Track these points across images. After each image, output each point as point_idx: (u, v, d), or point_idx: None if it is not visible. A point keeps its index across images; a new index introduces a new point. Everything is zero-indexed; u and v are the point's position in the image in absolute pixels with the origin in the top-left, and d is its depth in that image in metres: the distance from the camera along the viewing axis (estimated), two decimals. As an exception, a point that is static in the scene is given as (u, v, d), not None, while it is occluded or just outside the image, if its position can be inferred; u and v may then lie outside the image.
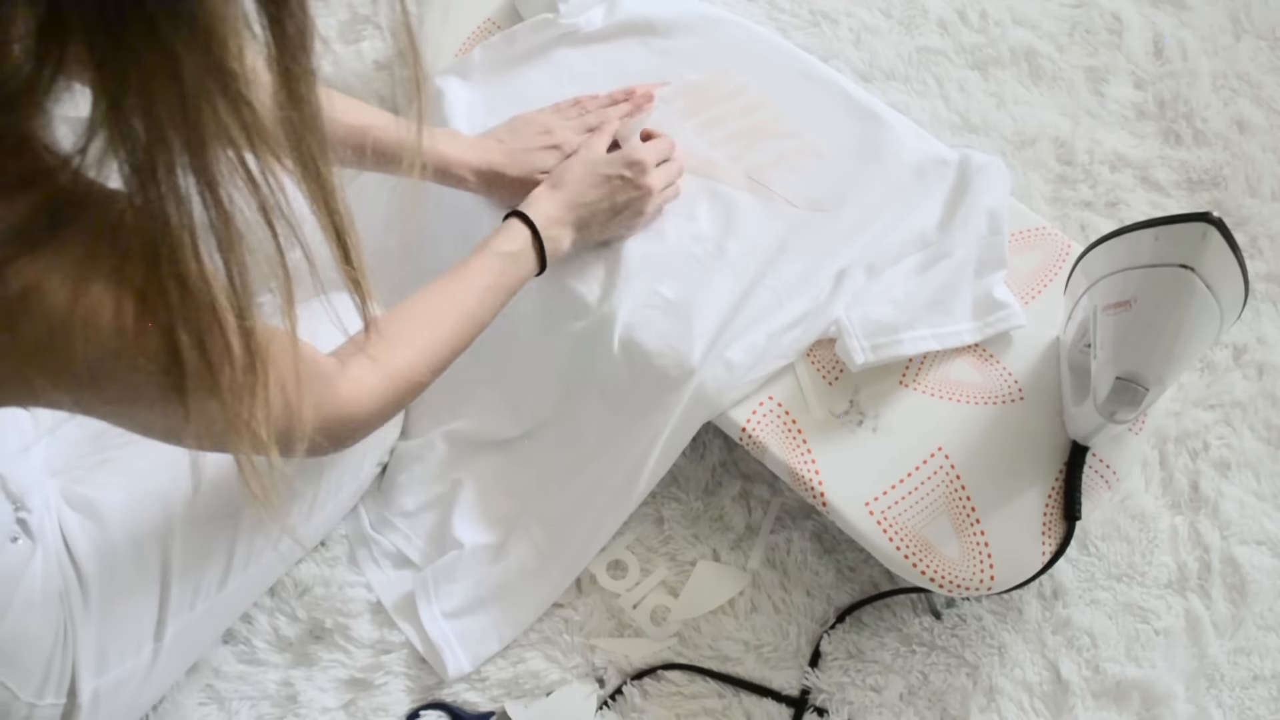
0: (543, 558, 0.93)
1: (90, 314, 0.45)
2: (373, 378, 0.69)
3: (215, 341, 0.47)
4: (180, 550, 0.77)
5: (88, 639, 0.73)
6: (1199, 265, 0.69)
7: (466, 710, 0.89)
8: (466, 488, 0.96)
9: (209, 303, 0.46)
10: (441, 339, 0.76)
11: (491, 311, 0.81)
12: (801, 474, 0.87)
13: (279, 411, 0.56)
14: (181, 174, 0.42)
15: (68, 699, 0.73)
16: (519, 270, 0.83)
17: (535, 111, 0.97)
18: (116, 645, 0.76)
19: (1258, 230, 1.13)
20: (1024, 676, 0.91)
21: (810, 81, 1.05)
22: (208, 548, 0.80)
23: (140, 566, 0.76)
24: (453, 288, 0.79)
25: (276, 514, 0.56)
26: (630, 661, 0.91)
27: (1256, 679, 0.92)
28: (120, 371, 0.48)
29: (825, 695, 0.90)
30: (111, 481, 0.78)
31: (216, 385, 0.48)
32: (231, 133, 0.42)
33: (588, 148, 0.90)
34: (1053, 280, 0.96)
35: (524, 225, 0.84)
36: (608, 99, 0.98)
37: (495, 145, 0.92)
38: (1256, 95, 1.21)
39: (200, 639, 0.86)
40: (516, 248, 0.83)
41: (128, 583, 0.76)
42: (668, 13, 1.07)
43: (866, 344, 0.88)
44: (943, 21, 1.25)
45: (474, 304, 0.79)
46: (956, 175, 0.98)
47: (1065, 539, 0.84)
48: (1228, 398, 1.04)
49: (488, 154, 0.91)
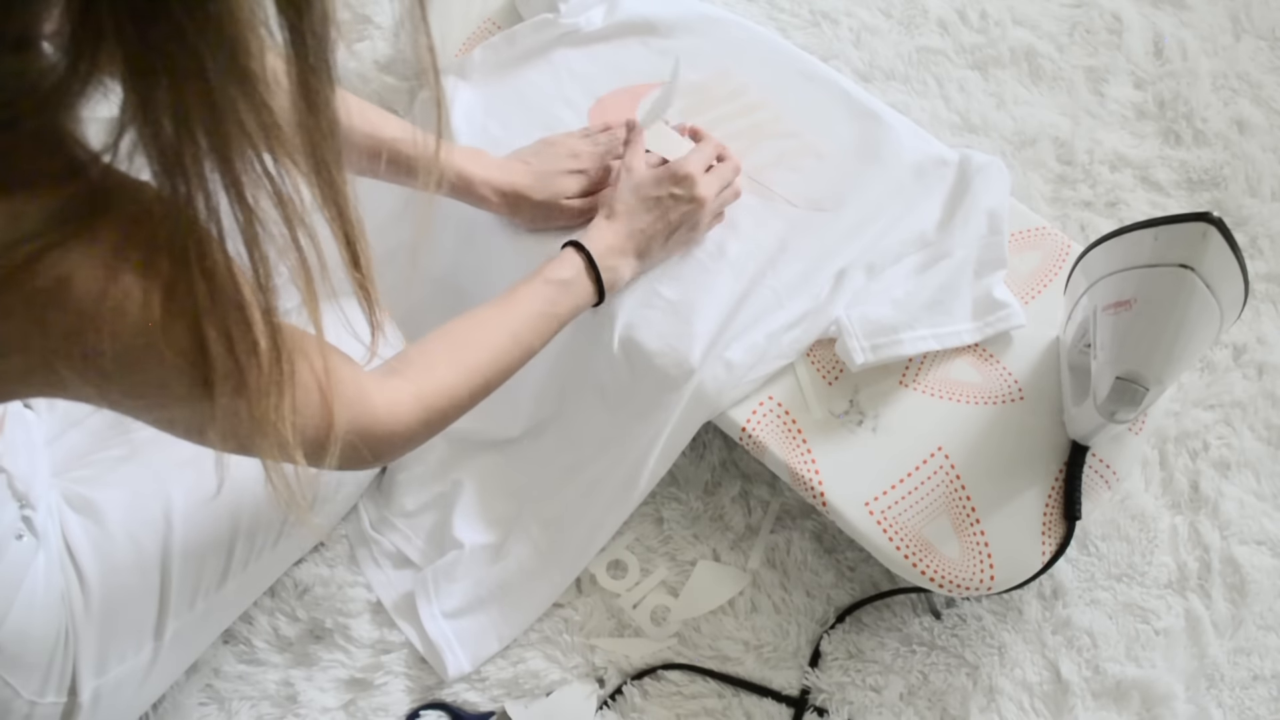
0: (543, 558, 0.93)
1: (119, 306, 0.46)
2: (409, 395, 0.69)
3: (242, 336, 0.48)
4: (180, 550, 0.78)
5: (88, 638, 0.73)
6: (1199, 265, 0.69)
7: (466, 710, 0.89)
8: (466, 488, 0.96)
9: (236, 298, 0.46)
10: (484, 362, 0.75)
11: (541, 339, 0.80)
12: (801, 474, 0.87)
13: (310, 416, 0.56)
14: (208, 171, 0.43)
15: (68, 697, 0.73)
16: (572, 299, 0.82)
17: (564, 135, 0.96)
18: (117, 645, 0.76)
19: (1258, 230, 1.13)
20: (1024, 676, 0.91)
21: (810, 81, 1.05)
22: (207, 547, 0.80)
23: (140, 566, 0.76)
24: (499, 312, 0.79)
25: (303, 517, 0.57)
26: (630, 661, 0.91)
27: (1256, 679, 0.92)
28: (148, 364, 0.48)
29: (825, 695, 0.90)
30: (111, 482, 0.78)
31: (243, 382, 0.49)
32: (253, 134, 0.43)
33: (629, 171, 0.89)
34: (1053, 280, 0.96)
35: (578, 254, 0.84)
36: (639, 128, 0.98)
37: (521, 167, 0.92)
38: (1256, 95, 1.21)
39: (200, 638, 0.86)
40: (569, 275, 0.82)
41: (128, 583, 0.76)
42: (668, 13, 1.07)
43: (866, 344, 0.88)
44: (943, 21, 1.25)
45: (521, 329, 0.78)
46: (956, 175, 0.98)
47: (1065, 539, 0.84)
48: (1228, 398, 1.04)
49: (512, 175, 0.91)
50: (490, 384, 0.76)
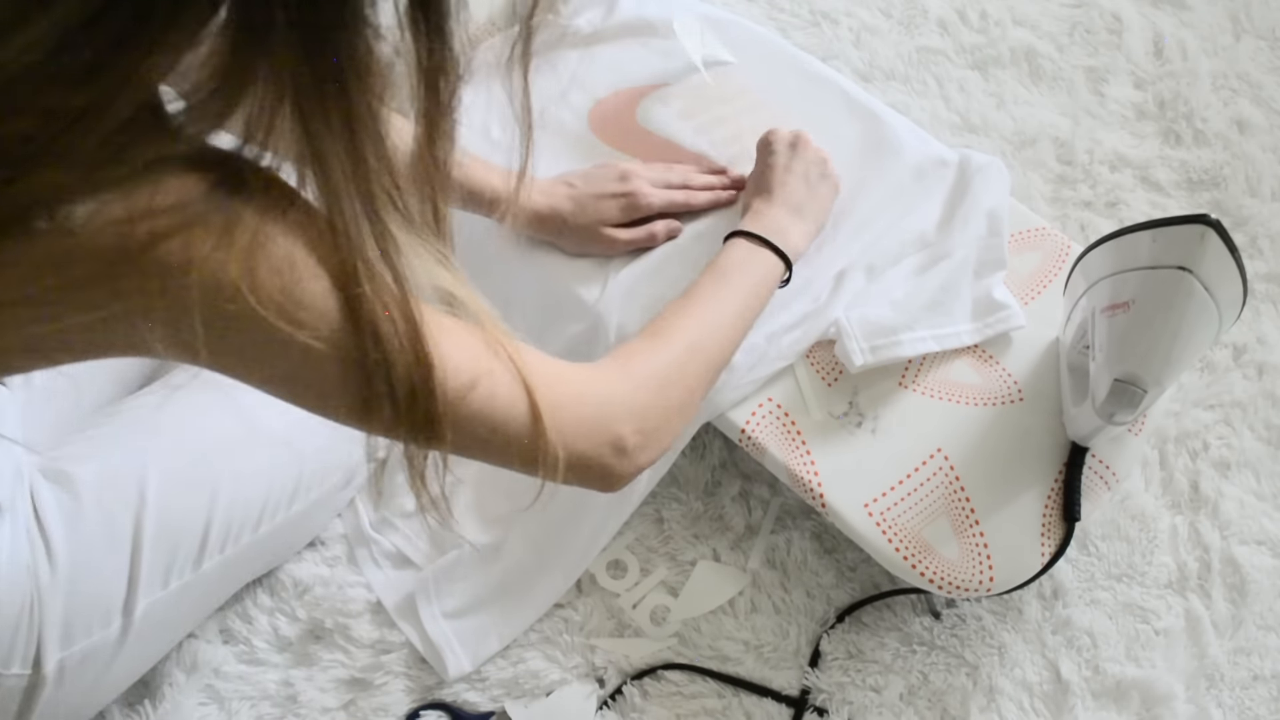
0: (543, 558, 0.93)
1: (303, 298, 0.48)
2: (632, 378, 0.71)
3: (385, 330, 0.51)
4: (153, 525, 0.76)
5: (54, 608, 0.72)
6: (1197, 267, 0.69)
7: (466, 710, 0.89)
8: (467, 488, 0.96)
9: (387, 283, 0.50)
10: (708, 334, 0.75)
11: (754, 312, 0.81)
12: (801, 475, 0.87)
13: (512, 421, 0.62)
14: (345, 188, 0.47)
15: (33, 670, 0.72)
16: (759, 269, 0.83)
17: (624, 161, 0.97)
18: (83, 617, 0.74)
19: (1258, 230, 1.13)
20: (1024, 676, 0.91)
21: (810, 81, 1.05)
22: (182, 525, 0.78)
23: (111, 538, 0.75)
24: (706, 288, 0.79)
25: (441, 513, 0.62)
26: (630, 661, 0.92)
27: (1256, 679, 0.92)
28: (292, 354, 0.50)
29: (825, 695, 0.90)
30: (87, 454, 0.77)
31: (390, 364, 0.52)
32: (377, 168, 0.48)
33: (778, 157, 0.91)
34: (1052, 281, 0.96)
35: (738, 237, 0.85)
36: (698, 169, 0.98)
37: (565, 190, 0.92)
38: (1256, 95, 1.21)
39: (176, 620, 0.85)
40: (741, 255, 0.83)
41: (97, 554, 0.75)
42: (668, 13, 1.07)
43: (865, 345, 0.88)
44: (943, 21, 1.25)
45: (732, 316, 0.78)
46: (956, 176, 0.98)
47: (1064, 540, 0.84)
48: (1228, 398, 1.04)
49: (553, 198, 0.91)
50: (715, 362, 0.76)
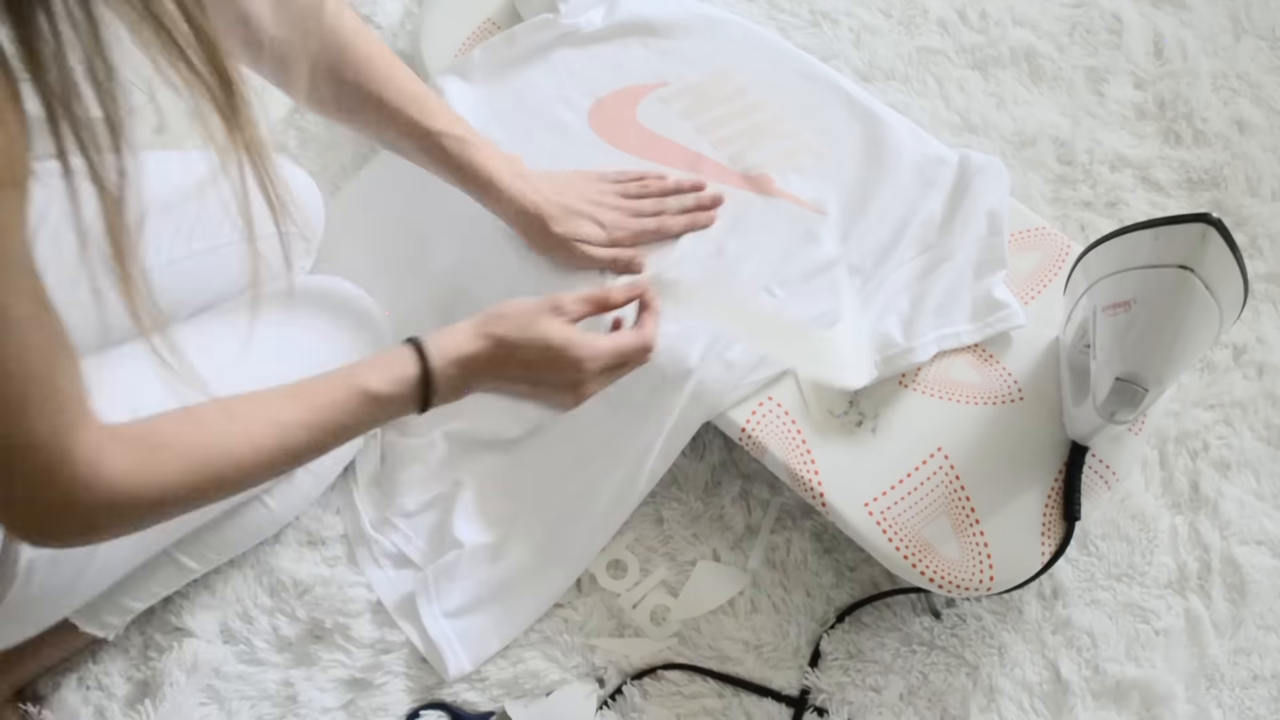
0: (543, 557, 0.93)
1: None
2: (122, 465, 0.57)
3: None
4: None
5: None
6: (1198, 266, 0.69)
7: (466, 710, 0.89)
8: (467, 487, 0.96)
9: None
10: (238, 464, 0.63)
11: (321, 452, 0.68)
12: (801, 475, 0.87)
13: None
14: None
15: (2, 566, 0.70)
16: (387, 415, 0.71)
17: (597, 176, 0.94)
18: None
19: (1258, 230, 1.13)
20: (1024, 676, 0.91)
21: (810, 81, 1.05)
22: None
23: None
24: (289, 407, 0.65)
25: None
26: (630, 661, 0.92)
27: (1256, 679, 0.92)
28: None
29: (825, 695, 0.90)
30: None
31: None
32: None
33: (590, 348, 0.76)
34: (1052, 280, 0.96)
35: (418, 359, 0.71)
36: (673, 185, 0.95)
37: (548, 192, 0.89)
38: (1256, 95, 1.21)
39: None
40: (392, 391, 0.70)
41: None
42: (668, 13, 1.07)
43: (877, 357, 0.89)
44: (943, 21, 1.25)
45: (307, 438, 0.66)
46: (956, 175, 0.98)
47: (1065, 539, 0.84)
48: (1228, 398, 1.04)
49: (537, 196, 0.88)
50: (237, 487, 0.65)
